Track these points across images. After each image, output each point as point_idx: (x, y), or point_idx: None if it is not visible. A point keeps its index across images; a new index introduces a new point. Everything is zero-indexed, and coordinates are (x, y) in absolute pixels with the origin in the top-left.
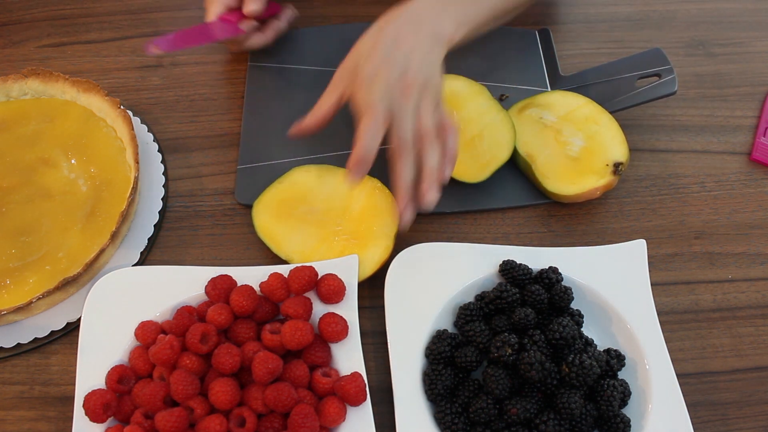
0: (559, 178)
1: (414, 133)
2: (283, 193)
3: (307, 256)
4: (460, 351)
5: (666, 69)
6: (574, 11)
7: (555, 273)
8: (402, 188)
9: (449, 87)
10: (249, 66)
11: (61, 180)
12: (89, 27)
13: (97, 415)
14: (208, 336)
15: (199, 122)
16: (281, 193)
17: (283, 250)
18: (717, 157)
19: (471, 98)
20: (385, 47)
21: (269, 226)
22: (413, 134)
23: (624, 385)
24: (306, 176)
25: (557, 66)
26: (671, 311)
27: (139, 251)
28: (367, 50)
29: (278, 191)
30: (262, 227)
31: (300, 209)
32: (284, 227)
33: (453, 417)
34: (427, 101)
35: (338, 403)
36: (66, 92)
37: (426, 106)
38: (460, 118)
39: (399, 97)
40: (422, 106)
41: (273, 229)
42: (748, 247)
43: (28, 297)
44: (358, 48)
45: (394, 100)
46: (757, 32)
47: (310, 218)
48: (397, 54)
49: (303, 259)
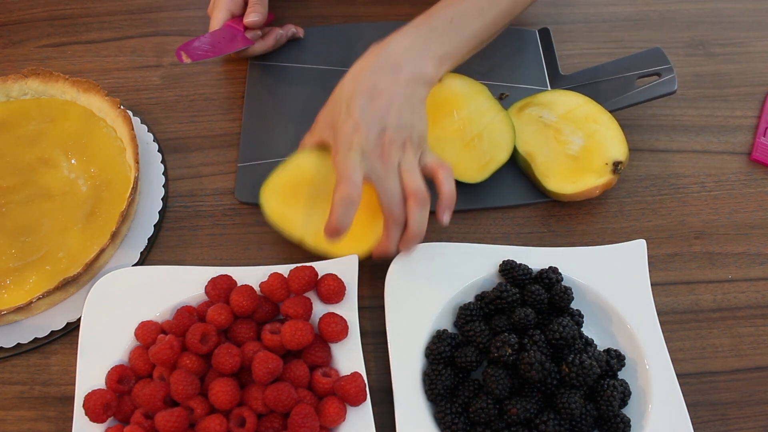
0: (559, 177)
1: (400, 193)
2: (288, 177)
3: (320, 236)
4: (460, 351)
5: (666, 68)
6: (574, 11)
7: (555, 273)
8: (387, 247)
9: (449, 86)
10: (249, 66)
11: (61, 180)
12: (89, 27)
13: (97, 415)
14: (208, 336)
15: (199, 122)
16: (287, 177)
17: (296, 232)
18: (717, 157)
19: (471, 98)
20: (362, 102)
21: (279, 209)
22: (399, 194)
23: (624, 385)
24: (308, 159)
25: (557, 65)
26: (671, 311)
27: (139, 251)
28: (345, 103)
29: (284, 175)
30: (272, 211)
31: (307, 191)
32: (294, 209)
33: (453, 417)
34: (409, 156)
35: (338, 403)
36: (66, 92)
37: (408, 162)
38: (460, 117)
39: (378, 162)
40: (404, 164)
41: (283, 212)
42: (748, 247)
43: (28, 297)
44: (336, 95)
45: (374, 166)
46: (757, 32)
47: (318, 199)
48: (375, 108)
49: (316, 240)
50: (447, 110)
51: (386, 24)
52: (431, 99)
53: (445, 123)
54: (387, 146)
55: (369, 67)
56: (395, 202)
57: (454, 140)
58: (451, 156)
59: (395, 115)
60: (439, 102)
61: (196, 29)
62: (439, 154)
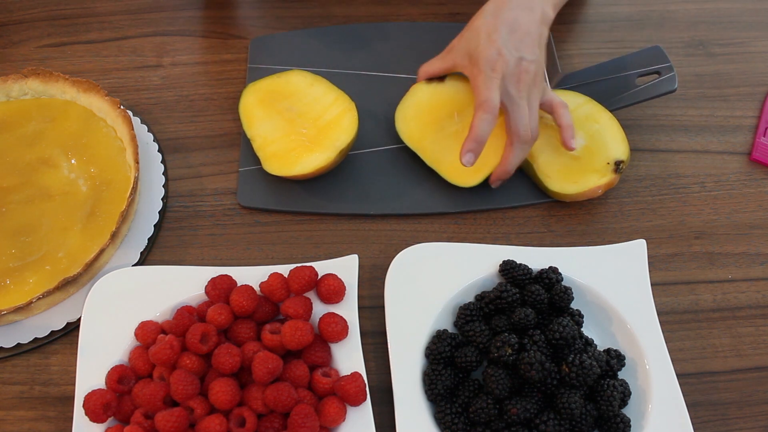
0: (561, 177)
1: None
2: (275, 85)
3: (267, 143)
4: (460, 351)
5: (666, 66)
6: (574, 11)
7: (555, 273)
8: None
9: (451, 87)
10: (249, 66)
11: (61, 180)
12: (89, 27)
13: (97, 415)
14: (208, 336)
15: (199, 122)
16: (273, 85)
17: (250, 130)
18: (717, 157)
19: (473, 101)
20: (503, 33)
21: (251, 106)
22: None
23: (624, 385)
24: (301, 80)
25: (557, 65)
26: (671, 311)
27: (139, 251)
28: (486, 32)
29: (272, 82)
30: (244, 105)
31: (282, 104)
32: (262, 112)
33: (453, 417)
34: (535, 93)
35: (338, 403)
36: (66, 92)
37: (534, 99)
38: (461, 119)
39: (514, 87)
40: (531, 100)
41: (252, 110)
42: (748, 247)
43: (28, 297)
44: (476, 26)
45: (510, 90)
46: (757, 32)
47: (286, 114)
48: (515, 40)
49: (262, 144)
50: (448, 111)
51: (386, 24)
52: (432, 99)
53: (445, 124)
54: (523, 75)
55: (507, 4)
56: (523, 123)
57: (452, 142)
58: (448, 158)
59: (530, 49)
60: (440, 103)
61: (196, 29)
62: (437, 155)
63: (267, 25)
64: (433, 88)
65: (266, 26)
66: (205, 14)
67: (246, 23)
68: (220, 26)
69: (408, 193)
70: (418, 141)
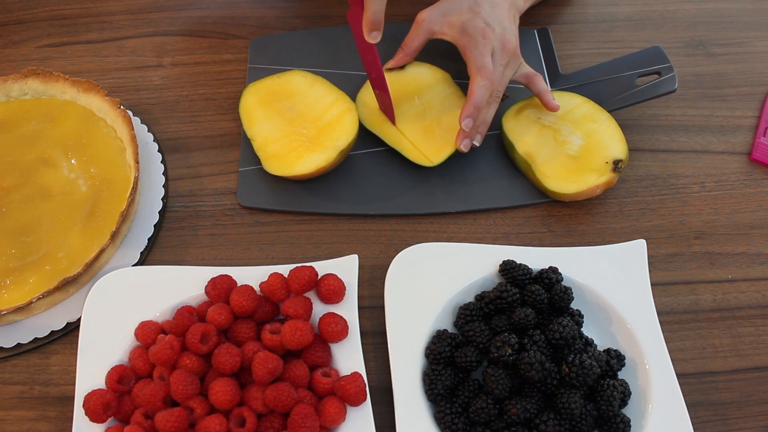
0: (560, 177)
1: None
2: (275, 85)
3: (267, 143)
4: (460, 351)
5: (666, 67)
6: (574, 11)
7: (555, 273)
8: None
9: (414, 72)
10: (249, 67)
11: (61, 180)
12: (89, 27)
13: (97, 415)
14: (208, 336)
15: (199, 122)
16: (274, 85)
17: (251, 130)
18: (717, 157)
19: (433, 85)
20: (486, 6)
21: (251, 106)
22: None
23: (624, 385)
24: (302, 80)
25: (557, 65)
26: (671, 311)
27: (139, 251)
28: (468, 5)
29: (272, 82)
30: (244, 105)
31: (282, 104)
32: (262, 112)
33: (453, 417)
34: (512, 64)
35: (338, 403)
36: (66, 92)
37: (509, 70)
38: (421, 102)
39: (498, 55)
40: (507, 68)
41: (252, 110)
42: (748, 247)
43: (28, 297)
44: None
45: (495, 61)
46: (757, 32)
47: (286, 114)
48: (497, 14)
49: (263, 144)
50: (409, 95)
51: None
52: (395, 83)
53: (406, 107)
54: (506, 44)
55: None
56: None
57: (413, 123)
58: (409, 138)
59: (509, 24)
60: (400, 88)
61: (196, 29)
62: (399, 134)
63: (267, 25)
64: (393, 76)
65: (266, 26)
66: (205, 14)
67: (246, 23)
68: (220, 26)
69: (408, 193)
70: (380, 125)
